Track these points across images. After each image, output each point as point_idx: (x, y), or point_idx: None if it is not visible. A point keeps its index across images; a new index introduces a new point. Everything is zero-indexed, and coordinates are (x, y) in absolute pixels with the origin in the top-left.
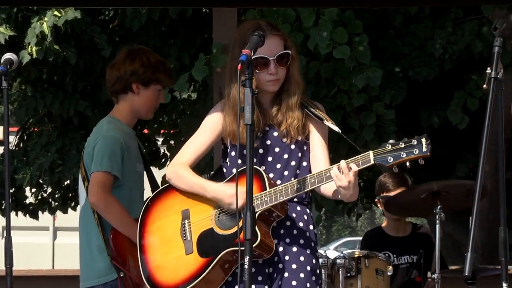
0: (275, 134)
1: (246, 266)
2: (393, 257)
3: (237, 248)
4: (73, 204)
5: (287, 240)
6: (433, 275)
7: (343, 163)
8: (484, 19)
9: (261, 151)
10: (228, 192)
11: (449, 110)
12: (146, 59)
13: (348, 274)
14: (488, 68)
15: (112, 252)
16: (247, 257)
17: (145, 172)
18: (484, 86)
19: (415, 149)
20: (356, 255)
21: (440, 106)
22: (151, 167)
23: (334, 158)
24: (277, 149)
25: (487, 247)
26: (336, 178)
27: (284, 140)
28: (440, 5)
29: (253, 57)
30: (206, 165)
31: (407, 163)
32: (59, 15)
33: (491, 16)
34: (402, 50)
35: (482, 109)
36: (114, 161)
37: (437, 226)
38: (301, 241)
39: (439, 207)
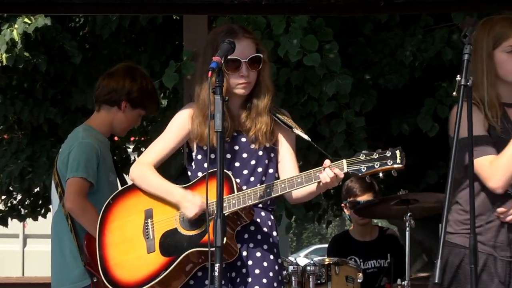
0: (243, 140)
1: (216, 273)
2: (359, 261)
3: (202, 249)
4: (43, 211)
5: (251, 245)
6: (403, 282)
7: (328, 170)
8: (454, 26)
9: (228, 156)
10: (195, 202)
11: (419, 117)
12: (145, 85)
13: (319, 281)
14: (458, 76)
15: (86, 258)
16: (217, 264)
17: (118, 183)
18: (454, 93)
19: (389, 161)
20: (326, 262)
21: (410, 113)
22: (122, 174)
23: (304, 166)
24: (244, 155)
25: None
26: (332, 181)
27: (252, 146)
28: (410, 13)
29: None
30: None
31: (380, 174)
32: (29, 22)
33: (461, 23)
34: (372, 57)
35: None
36: (90, 167)
37: (407, 233)
38: (265, 247)
39: (409, 214)
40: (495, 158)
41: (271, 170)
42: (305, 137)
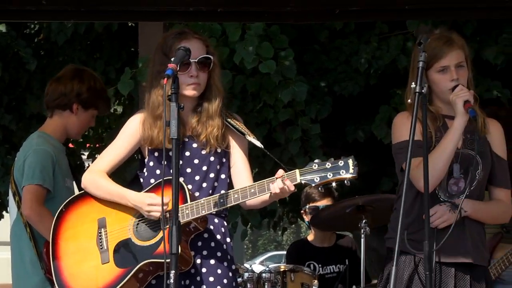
0: (195, 145)
1: (172, 281)
2: (318, 267)
3: (157, 260)
4: None
5: (205, 253)
6: None
7: (279, 181)
8: (409, 34)
9: (180, 162)
10: (147, 201)
11: (374, 124)
12: (94, 84)
13: None
14: (413, 83)
15: (46, 266)
16: (172, 271)
17: (76, 188)
18: (409, 100)
19: (341, 170)
20: (281, 269)
21: (365, 120)
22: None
23: (259, 173)
24: (196, 161)
25: None
26: (282, 192)
27: (204, 151)
28: (365, 21)
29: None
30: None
31: (333, 183)
32: None
33: (416, 31)
34: (328, 65)
35: None
36: (46, 174)
37: (362, 240)
38: (219, 254)
39: (364, 221)
40: (422, 161)
41: (223, 176)
42: (258, 144)
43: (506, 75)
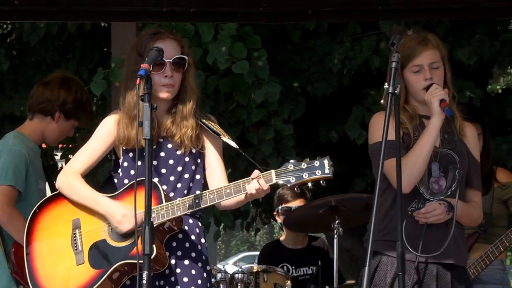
0: (169, 146)
1: (144, 281)
2: (291, 269)
3: (132, 261)
4: None
5: (179, 253)
6: None
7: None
8: (382, 34)
9: (154, 163)
10: (120, 211)
11: (347, 125)
12: (80, 96)
13: None
14: (386, 83)
15: (13, 266)
16: (145, 272)
17: (49, 190)
18: (382, 101)
19: (317, 171)
20: (254, 270)
21: (338, 121)
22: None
23: (233, 173)
24: (171, 161)
25: None
26: (258, 192)
27: (178, 152)
28: (338, 21)
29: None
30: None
31: (309, 184)
32: None
33: (389, 32)
34: (301, 65)
35: None
36: (19, 175)
37: (335, 240)
38: (193, 254)
39: (337, 221)
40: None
41: (198, 176)
42: (233, 144)
43: (478, 76)
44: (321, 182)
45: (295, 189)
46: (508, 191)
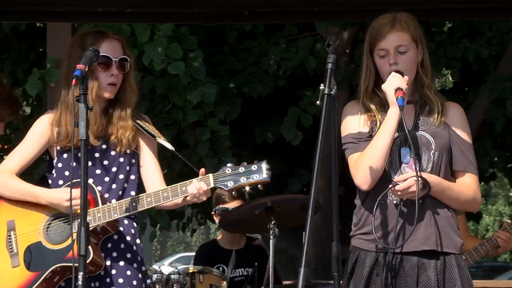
0: (104, 146)
1: (80, 282)
2: (227, 270)
3: (68, 264)
4: None
5: (114, 254)
6: None
7: (196, 182)
8: (318, 35)
9: (89, 163)
10: (64, 196)
11: (283, 126)
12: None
13: None
14: (322, 85)
15: None
16: (81, 273)
17: None
18: (318, 102)
19: (255, 175)
20: (190, 271)
21: (274, 122)
22: None
23: (168, 174)
24: (105, 162)
25: (321, 262)
26: (199, 192)
27: (113, 152)
28: (274, 22)
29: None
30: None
31: (247, 187)
32: None
33: (325, 33)
34: (237, 66)
35: (316, 125)
36: None
37: (271, 241)
38: (128, 255)
39: (273, 222)
40: (359, 155)
41: (132, 177)
42: (168, 146)
43: None
44: (259, 186)
45: (233, 192)
46: None
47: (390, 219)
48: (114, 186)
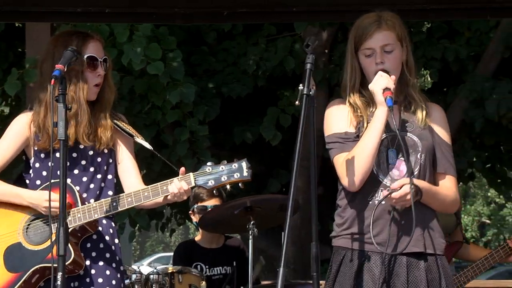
0: (81, 146)
1: (59, 282)
2: (205, 268)
3: (48, 265)
4: None
5: (94, 254)
6: None
7: (176, 182)
8: (297, 36)
9: (67, 163)
10: (45, 197)
11: (262, 126)
12: None
13: None
14: (301, 85)
15: None
16: (60, 273)
17: None
18: (297, 102)
19: (236, 173)
20: (169, 271)
21: (253, 122)
22: None
23: (148, 174)
24: (83, 162)
25: (300, 262)
26: (180, 192)
27: (91, 152)
28: (253, 22)
29: (85, 56)
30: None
31: (228, 186)
32: None
33: (304, 33)
34: (216, 66)
35: (295, 125)
36: None
37: (250, 241)
38: (107, 255)
39: (252, 222)
40: (346, 156)
41: (110, 176)
42: (146, 145)
43: None
44: (240, 184)
45: (214, 191)
46: None
47: (380, 219)
48: (92, 186)
